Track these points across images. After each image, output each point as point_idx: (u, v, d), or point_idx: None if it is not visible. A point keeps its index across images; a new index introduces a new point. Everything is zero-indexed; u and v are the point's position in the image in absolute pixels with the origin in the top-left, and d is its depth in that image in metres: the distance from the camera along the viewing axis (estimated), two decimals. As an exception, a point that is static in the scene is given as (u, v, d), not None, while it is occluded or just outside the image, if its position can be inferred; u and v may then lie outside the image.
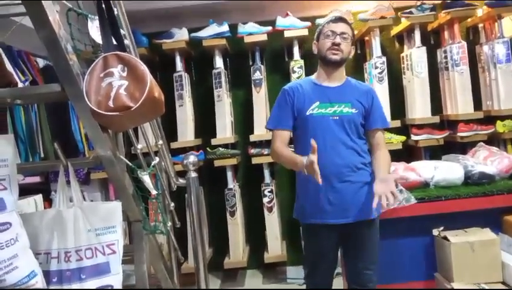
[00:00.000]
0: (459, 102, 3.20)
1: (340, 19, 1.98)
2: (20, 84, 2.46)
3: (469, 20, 3.42)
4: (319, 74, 2.04)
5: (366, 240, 1.98)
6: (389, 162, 2.01)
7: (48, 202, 2.47)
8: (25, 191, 1.59)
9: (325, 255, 2.01)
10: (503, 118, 3.18)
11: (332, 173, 1.90)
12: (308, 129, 1.93)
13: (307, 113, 1.94)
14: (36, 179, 2.88)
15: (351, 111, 1.94)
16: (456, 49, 3.20)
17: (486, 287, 2.27)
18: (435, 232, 2.50)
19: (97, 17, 1.42)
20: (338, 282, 2.26)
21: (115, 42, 1.42)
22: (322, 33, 1.97)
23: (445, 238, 2.41)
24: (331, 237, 1.98)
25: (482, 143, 2.97)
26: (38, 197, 1.78)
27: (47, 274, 1.38)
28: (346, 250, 2.05)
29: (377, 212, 1.97)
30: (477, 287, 2.29)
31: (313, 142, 1.71)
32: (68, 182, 1.47)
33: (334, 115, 1.93)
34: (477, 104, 3.30)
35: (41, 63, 2.98)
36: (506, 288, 2.29)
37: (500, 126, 3.15)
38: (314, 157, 1.70)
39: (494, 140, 3.23)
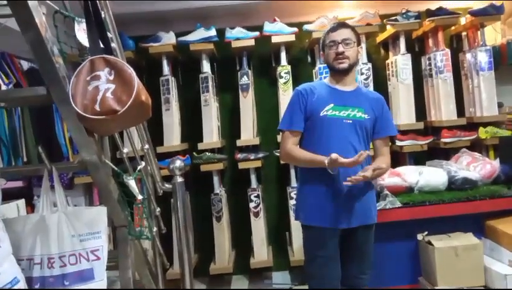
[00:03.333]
0: (443, 108, 3.25)
1: (339, 26, 1.98)
2: (3, 87, 2.42)
3: (453, 28, 3.49)
4: (331, 78, 2.04)
5: (365, 244, 2.01)
6: (387, 165, 2.02)
7: (31, 207, 2.43)
8: (7, 195, 1.56)
9: (331, 257, 1.98)
10: (485, 124, 3.23)
11: (341, 176, 1.89)
12: (321, 130, 1.93)
13: (321, 114, 1.93)
14: (18, 183, 2.83)
15: (364, 116, 1.95)
16: (440, 57, 3.26)
17: (470, 292, 2.31)
18: (419, 236, 2.54)
19: (84, 19, 1.41)
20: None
21: (101, 45, 1.41)
22: (325, 45, 1.98)
23: (429, 242, 2.44)
24: (335, 240, 1.97)
25: (465, 149, 3.02)
26: (21, 202, 1.75)
27: (30, 281, 1.35)
28: (344, 254, 2.02)
29: (375, 218, 2.03)
30: (461, 292, 2.32)
31: (334, 156, 1.78)
32: (52, 187, 1.45)
33: (347, 118, 1.93)
34: (461, 110, 3.35)
35: (25, 65, 2.94)
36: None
37: (482, 132, 3.21)
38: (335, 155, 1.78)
39: (476, 146, 3.29)
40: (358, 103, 1.96)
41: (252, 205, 3.33)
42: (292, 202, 3.23)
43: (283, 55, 3.40)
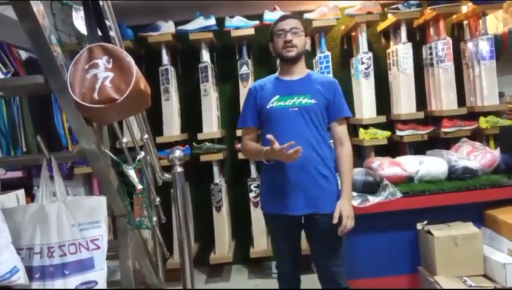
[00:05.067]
0: (443, 98, 3.24)
1: (288, 16, 2.03)
2: (1, 77, 2.41)
3: (454, 16, 3.46)
4: (281, 70, 2.10)
5: (329, 234, 1.96)
6: (351, 164, 2.04)
7: (30, 197, 2.43)
8: (6, 186, 1.56)
9: (285, 244, 2.06)
10: (486, 114, 3.22)
11: (290, 164, 1.90)
12: (270, 122, 1.99)
13: (267, 107, 1.99)
14: (18, 173, 2.83)
15: (310, 102, 1.97)
16: (441, 46, 3.23)
17: (469, 280, 2.31)
18: (419, 226, 2.54)
19: (82, 7, 1.40)
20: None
21: (100, 33, 1.39)
22: (274, 33, 2.02)
23: (429, 232, 2.45)
24: (289, 227, 2.02)
25: (465, 138, 3.01)
26: (20, 192, 1.74)
27: (29, 270, 1.35)
28: (312, 247, 2.07)
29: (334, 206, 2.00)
30: (460, 280, 2.33)
31: (270, 136, 1.80)
32: (51, 177, 1.45)
33: (293, 106, 1.96)
34: (461, 100, 3.34)
35: (23, 55, 2.92)
36: (489, 282, 2.33)
37: (483, 122, 3.20)
38: (275, 146, 1.80)
39: (477, 136, 3.28)
40: (304, 90, 1.99)
41: (251, 195, 3.33)
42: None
43: (283, 44, 3.37)
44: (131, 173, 1.63)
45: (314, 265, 2.16)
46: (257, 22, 3.29)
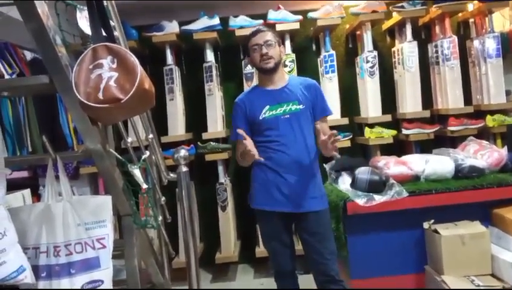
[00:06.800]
0: (450, 96, 3.22)
1: (259, 30, 2.11)
2: (6, 77, 2.42)
3: (460, 14, 3.44)
4: (262, 81, 2.18)
5: (316, 231, 2.07)
6: None
7: (36, 197, 2.44)
8: (12, 186, 1.57)
9: (276, 238, 2.12)
10: (493, 112, 3.20)
11: (283, 167, 2.04)
12: (264, 131, 2.08)
13: (260, 118, 2.08)
14: (24, 173, 2.84)
15: (299, 108, 2.07)
16: (446, 44, 3.21)
17: (477, 280, 2.30)
18: (426, 225, 2.52)
19: (86, 7, 1.40)
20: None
21: (104, 33, 1.39)
22: (250, 48, 2.11)
23: (436, 231, 2.43)
24: (279, 223, 2.09)
25: (472, 137, 2.99)
26: (26, 192, 1.75)
27: (36, 269, 1.36)
28: (302, 243, 2.15)
29: (323, 205, 2.09)
30: (468, 280, 2.31)
31: (240, 131, 1.94)
32: (57, 176, 1.45)
33: (284, 114, 2.06)
34: (468, 98, 3.31)
35: (28, 56, 2.93)
36: (497, 282, 2.31)
37: (490, 120, 3.18)
38: (245, 142, 1.90)
39: (484, 134, 3.26)
40: (290, 97, 2.09)
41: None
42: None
43: (287, 43, 3.38)
44: (137, 173, 1.63)
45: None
46: (261, 21, 3.29)
